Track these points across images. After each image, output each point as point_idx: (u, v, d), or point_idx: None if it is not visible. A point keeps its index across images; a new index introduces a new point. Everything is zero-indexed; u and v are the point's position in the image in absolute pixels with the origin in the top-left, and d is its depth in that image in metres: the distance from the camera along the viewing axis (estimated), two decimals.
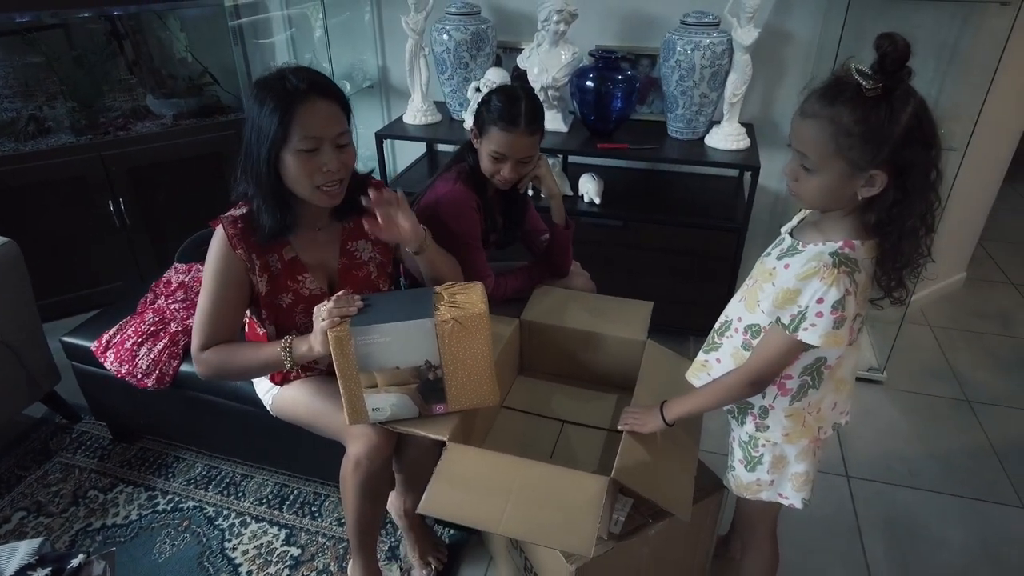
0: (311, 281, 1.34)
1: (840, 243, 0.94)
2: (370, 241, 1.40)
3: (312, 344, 1.19)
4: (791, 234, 1.03)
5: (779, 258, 1.00)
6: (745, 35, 1.92)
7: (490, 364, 1.21)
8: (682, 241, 2.13)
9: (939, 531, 1.69)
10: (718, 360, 1.10)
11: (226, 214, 1.27)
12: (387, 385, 1.18)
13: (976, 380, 2.27)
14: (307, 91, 1.15)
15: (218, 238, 1.25)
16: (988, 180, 2.57)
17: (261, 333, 1.39)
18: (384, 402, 1.19)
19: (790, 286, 0.94)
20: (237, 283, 1.27)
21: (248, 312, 1.37)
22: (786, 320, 0.95)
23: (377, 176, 1.46)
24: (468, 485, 1.12)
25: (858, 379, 2.06)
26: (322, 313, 1.14)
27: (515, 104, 1.44)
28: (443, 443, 1.20)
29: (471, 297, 1.18)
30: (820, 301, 0.91)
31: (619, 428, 1.21)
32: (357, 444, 1.27)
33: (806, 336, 0.93)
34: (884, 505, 1.77)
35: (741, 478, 1.18)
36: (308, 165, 1.18)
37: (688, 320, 2.26)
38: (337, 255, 1.37)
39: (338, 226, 1.38)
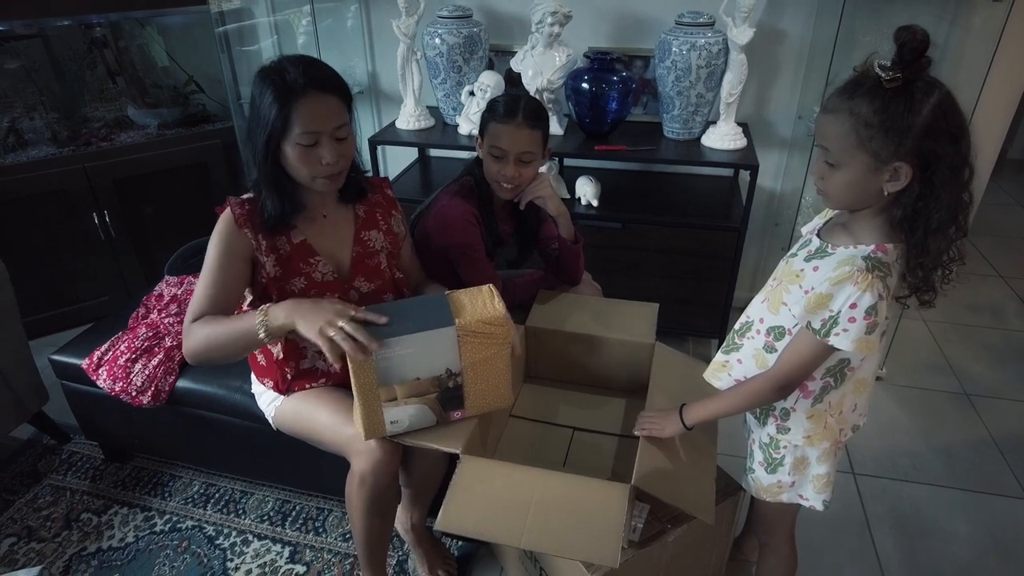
0: (323, 264, 1.32)
1: (872, 246, 0.92)
2: (382, 231, 1.40)
3: (305, 332, 1.09)
4: (819, 235, 1.01)
5: (807, 260, 0.98)
6: (741, 34, 1.92)
7: (507, 366, 1.20)
8: (681, 242, 2.12)
9: (947, 525, 1.70)
10: (739, 361, 1.09)
11: (234, 197, 1.27)
12: (407, 397, 1.15)
13: (972, 373, 2.29)
14: (305, 86, 1.15)
15: (224, 217, 1.25)
16: (978, 176, 2.60)
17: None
18: (403, 414, 1.16)
19: (823, 291, 0.92)
20: (241, 257, 1.25)
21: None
22: (817, 325, 0.93)
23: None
24: (485, 500, 1.09)
25: None
26: (328, 331, 1.07)
27: (515, 100, 1.49)
28: (454, 455, 1.17)
29: (485, 299, 1.18)
30: (853, 306, 0.89)
31: (635, 433, 1.19)
32: (361, 460, 1.23)
33: (837, 341, 0.92)
34: (891, 501, 1.77)
35: (761, 480, 1.16)
36: (307, 158, 1.18)
37: (688, 321, 2.26)
38: (350, 243, 1.36)
39: (348, 214, 1.37)
